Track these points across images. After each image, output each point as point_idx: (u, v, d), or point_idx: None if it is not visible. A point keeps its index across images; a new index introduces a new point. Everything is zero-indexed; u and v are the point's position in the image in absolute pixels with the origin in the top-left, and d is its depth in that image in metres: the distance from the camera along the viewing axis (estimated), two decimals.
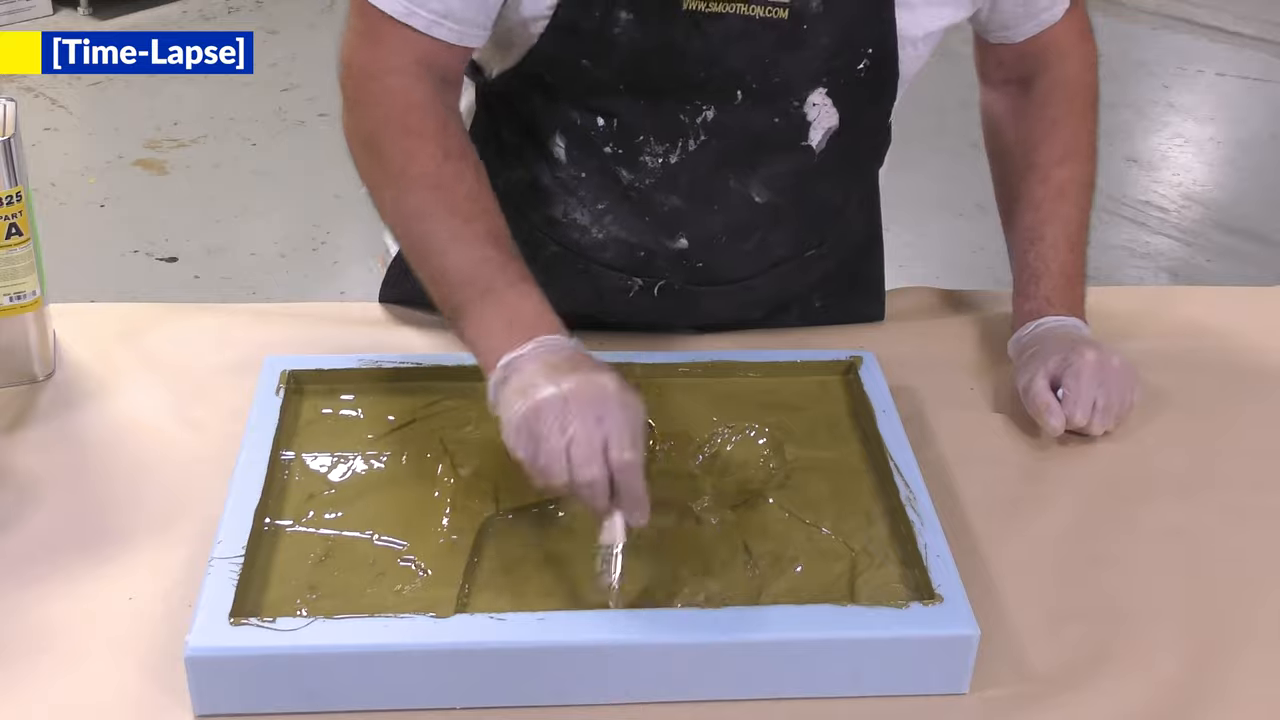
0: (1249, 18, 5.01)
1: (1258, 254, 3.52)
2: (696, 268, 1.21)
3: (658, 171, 1.16)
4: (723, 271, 1.22)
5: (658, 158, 1.15)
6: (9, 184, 1.09)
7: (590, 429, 0.90)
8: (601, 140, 1.15)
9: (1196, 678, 0.94)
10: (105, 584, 0.96)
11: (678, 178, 1.16)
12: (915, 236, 3.40)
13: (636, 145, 1.15)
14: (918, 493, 1.00)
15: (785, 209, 1.20)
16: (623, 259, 1.21)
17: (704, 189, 1.17)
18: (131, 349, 1.23)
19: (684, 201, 1.17)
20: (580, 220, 1.20)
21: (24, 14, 4.46)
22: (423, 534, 0.97)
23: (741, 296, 1.25)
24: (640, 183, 1.16)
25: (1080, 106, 1.29)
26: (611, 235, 1.19)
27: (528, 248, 1.18)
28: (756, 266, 1.23)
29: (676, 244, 1.19)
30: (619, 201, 1.18)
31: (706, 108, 1.13)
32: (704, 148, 1.14)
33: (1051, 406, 1.15)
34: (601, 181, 1.17)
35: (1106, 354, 1.17)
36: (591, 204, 1.18)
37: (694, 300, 1.24)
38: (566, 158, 1.17)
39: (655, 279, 1.22)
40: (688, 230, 1.19)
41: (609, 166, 1.16)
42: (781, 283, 1.27)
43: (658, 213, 1.18)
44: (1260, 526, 1.09)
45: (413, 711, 0.88)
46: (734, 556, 0.97)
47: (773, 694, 0.90)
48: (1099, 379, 1.15)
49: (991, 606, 0.97)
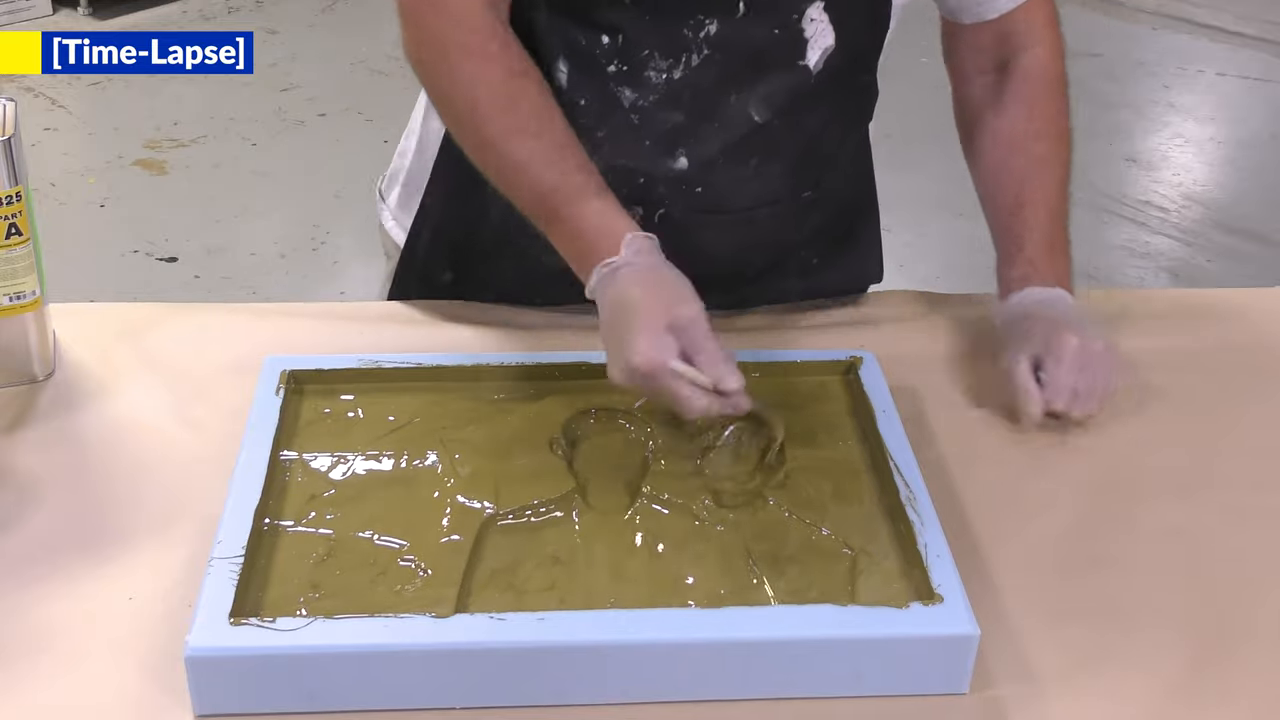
0: (1249, 18, 5.01)
1: (1258, 254, 3.52)
2: (696, 193, 1.22)
3: (661, 88, 1.17)
4: (722, 198, 1.23)
5: (661, 73, 1.16)
6: (9, 184, 1.09)
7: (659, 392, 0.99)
8: (606, 59, 1.16)
9: (1196, 678, 0.94)
10: (105, 584, 0.96)
11: (680, 94, 1.17)
12: (915, 236, 3.40)
13: (641, 60, 1.16)
14: (918, 493, 1.01)
15: (782, 133, 1.21)
16: (622, 187, 1.19)
17: (705, 105, 1.18)
18: (131, 349, 1.23)
19: (685, 118, 1.19)
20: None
21: (24, 14, 4.46)
22: (423, 534, 0.97)
23: (740, 233, 1.26)
24: (643, 100, 1.18)
25: (1054, 91, 1.31)
26: (610, 163, 1.18)
27: None
28: (754, 199, 1.24)
29: (676, 164, 1.20)
30: (620, 126, 1.19)
31: (709, 21, 1.14)
32: (706, 62, 1.16)
33: (1031, 393, 1.15)
34: (602, 106, 1.18)
35: (1090, 339, 1.17)
36: (591, 132, 1.19)
37: (695, 232, 1.23)
38: (568, 82, 1.18)
39: (655, 206, 1.22)
40: (688, 148, 1.20)
41: (611, 88, 1.18)
42: (778, 225, 1.28)
43: (658, 132, 1.19)
44: (1260, 526, 1.09)
45: (413, 711, 0.88)
46: (734, 556, 0.97)
47: (773, 694, 0.90)
48: (1080, 364, 1.15)
49: (991, 606, 0.97)
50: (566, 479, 1.03)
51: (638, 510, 1.01)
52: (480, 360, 1.14)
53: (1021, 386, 1.16)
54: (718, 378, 0.99)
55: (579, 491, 1.02)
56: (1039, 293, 1.21)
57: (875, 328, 1.32)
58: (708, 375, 0.99)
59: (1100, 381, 1.16)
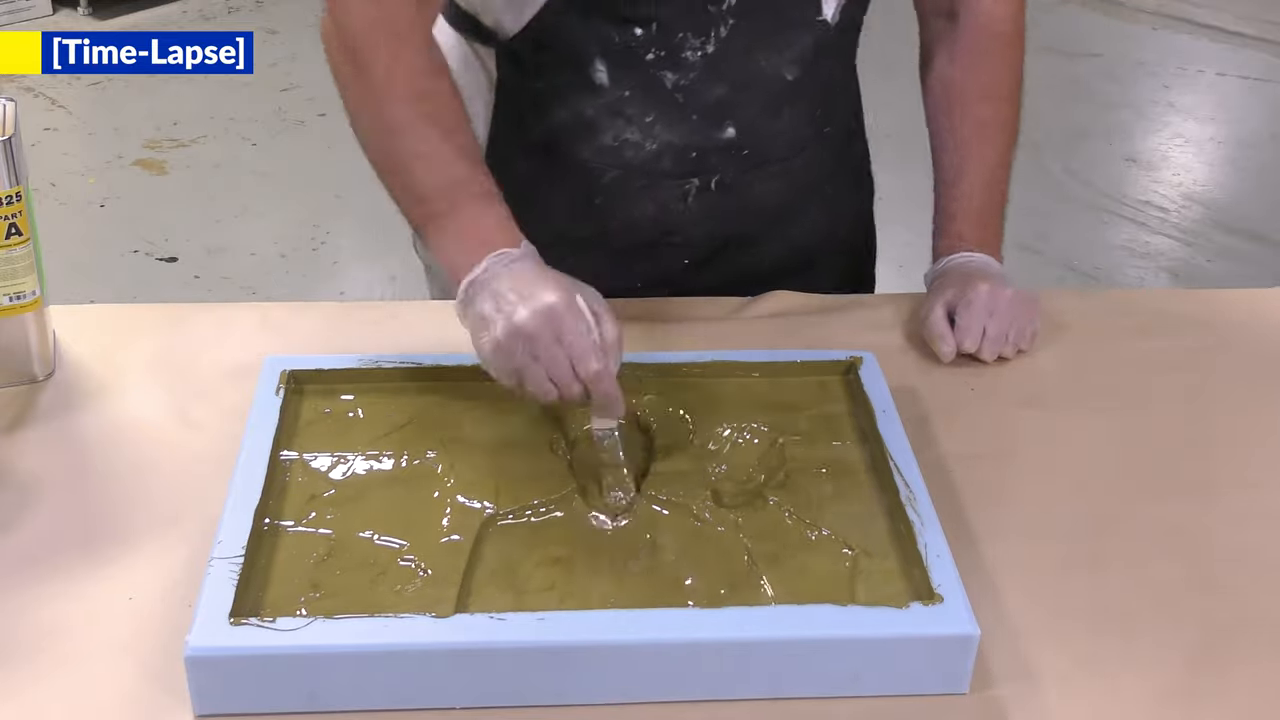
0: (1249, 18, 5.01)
1: (1258, 254, 3.52)
2: (744, 155, 1.27)
3: (699, 64, 1.20)
4: (766, 153, 1.29)
5: (697, 51, 1.20)
6: (9, 184, 1.09)
7: (555, 349, 1.00)
8: (643, 49, 1.19)
9: (1196, 678, 0.94)
10: (105, 584, 0.96)
11: (718, 66, 1.21)
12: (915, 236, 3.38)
13: (677, 43, 1.19)
14: (918, 493, 1.01)
15: (805, 84, 1.26)
16: (678, 164, 1.27)
17: (741, 74, 1.22)
18: (131, 349, 1.23)
19: (726, 90, 1.22)
20: (632, 138, 1.25)
21: (24, 14, 4.46)
22: (423, 534, 0.97)
23: (783, 182, 1.32)
24: (684, 79, 1.21)
25: (1001, 46, 1.33)
26: (664, 143, 1.25)
27: (582, 182, 1.27)
28: (789, 147, 1.30)
29: (725, 134, 1.25)
30: (667, 108, 1.23)
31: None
32: (734, 31, 1.19)
33: (944, 335, 1.25)
34: (646, 95, 1.22)
35: (999, 286, 1.26)
36: (640, 119, 1.23)
37: (745, 190, 1.30)
38: (609, 80, 1.21)
39: (710, 175, 1.28)
40: (733, 117, 1.25)
41: (652, 75, 1.21)
42: (808, 166, 1.33)
43: (704, 105, 1.23)
44: (1260, 526, 1.09)
45: (413, 711, 0.88)
46: (734, 556, 0.97)
47: (773, 694, 0.90)
48: (989, 309, 1.24)
49: (991, 606, 0.97)
50: (566, 479, 1.03)
51: (638, 510, 1.01)
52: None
53: (936, 330, 1.25)
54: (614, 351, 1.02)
55: (579, 491, 1.02)
56: (962, 257, 1.30)
57: (875, 328, 1.32)
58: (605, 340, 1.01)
59: (1012, 326, 1.25)
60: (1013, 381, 1.25)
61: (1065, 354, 1.29)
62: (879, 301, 1.38)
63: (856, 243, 1.50)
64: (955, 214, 1.32)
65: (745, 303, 1.35)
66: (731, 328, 1.31)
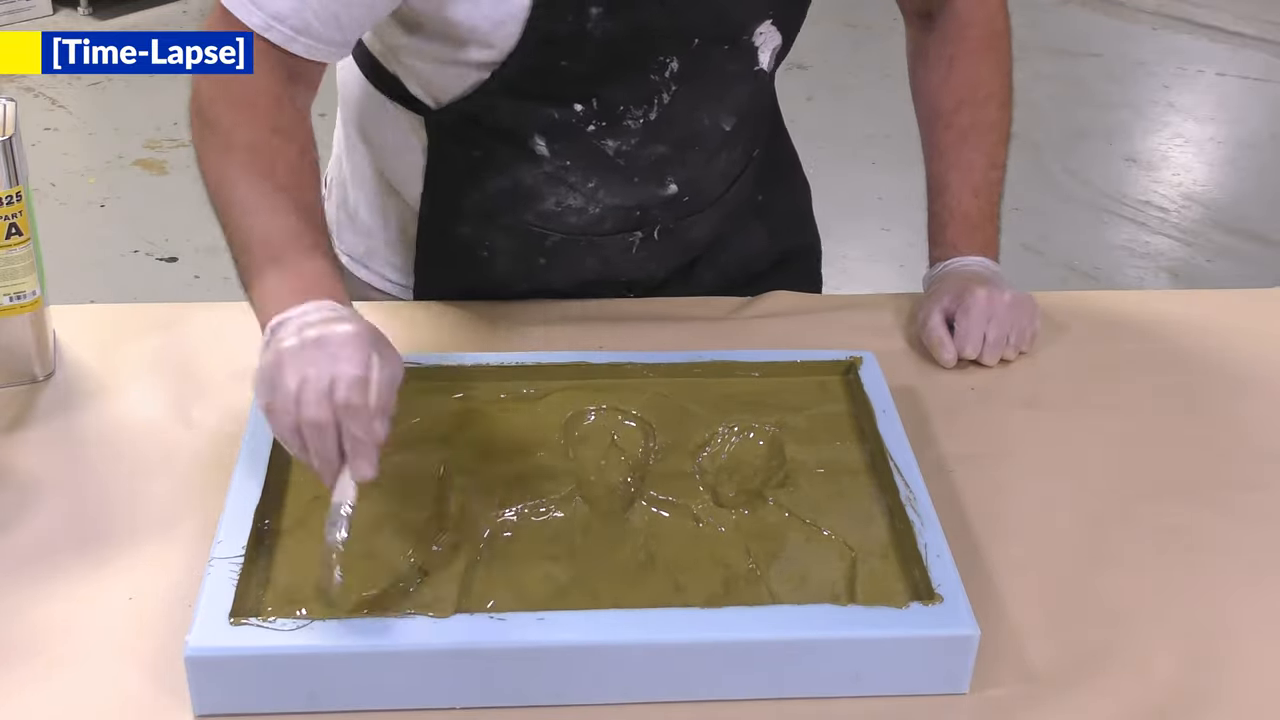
0: (1249, 18, 5.01)
1: (1258, 254, 3.52)
2: (684, 202, 1.27)
3: (640, 131, 1.19)
4: (705, 197, 1.28)
5: (638, 119, 1.18)
6: (9, 184, 1.09)
7: (322, 372, 0.88)
8: (583, 123, 1.17)
9: (1196, 678, 0.94)
10: (105, 584, 0.96)
11: (660, 129, 1.20)
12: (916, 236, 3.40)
13: (618, 115, 1.18)
14: (918, 493, 1.00)
15: (744, 128, 1.26)
16: (622, 222, 1.26)
17: (682, 132, 1.21)
18: (131, 349, 1.23)
19: (667, 148, 1.21)
20: (575, 204, 1.23)
21: (24, 14, 4.46)
22: (423, 534, 0.97)
23: (719, 211, 1.32)
24: (626, 145, 1.20)
25: (976, 45, 1.31)
26: (607, 206, 1.24)
27: (529, 242, 1.24)
28: (726, 183, 1.30)
29: (667, 190, 1.24)
30: (609, 172, 1.21)
31: (670, 60, 1.15)
32: (676, 96, 1.18)
33: (944, 341, 1.25)
34: (588, 162, 1.20)
35: (998, 291, 1.25)
36: (582, 185, 1.21)
37: (686, 232, 1.30)
38: (549, 151, 1.19)
39: (652, 227, 1.27)
40: (674, 174, 1.24)
41: (593, 145, 1.19)
42: (742, 192, 1.34)
43: (645, 167, 1.22)
44: (1260, 526, 1.09)
45: (413, 711, 0.88)
46: (734, 556, 0.97)
47: (773, 694, 0.90)
48: (988, 314, 1.24)
49: (991, 606, 0.97)
50: (566, 479, 1.03)
51: (637, 510, 1.01)
52: (480, 360, 1.14)
53: (935, 337, 1.25)
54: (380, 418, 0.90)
55: (579, 491, 1.02)
56: (957, 261, 1.31)
57: (875, 328, 1.32)
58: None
59: (1012, 329, 1.25)
60: (1013, 382, 1.25)
61: (1065, 354, 1.29)
62: (879, 301, 1.38)
63: (797, 244, 1.48)
64: (947, 222, 1.31)
65: (745, 303, 1.35)
66: (731, 328, 1.31)
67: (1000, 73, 1.32)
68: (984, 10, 1.30)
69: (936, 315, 1.26)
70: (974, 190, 1.30)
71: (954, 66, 1.30)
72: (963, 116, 1.30)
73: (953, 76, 1.31)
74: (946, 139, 1.31)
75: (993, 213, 1.32)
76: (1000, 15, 1.31)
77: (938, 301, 1.27)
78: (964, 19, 1.30)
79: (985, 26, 1.31)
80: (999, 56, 1.32)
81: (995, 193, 1.32)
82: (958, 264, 1.30)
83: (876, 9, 1.29)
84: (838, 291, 1.51)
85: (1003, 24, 1.32)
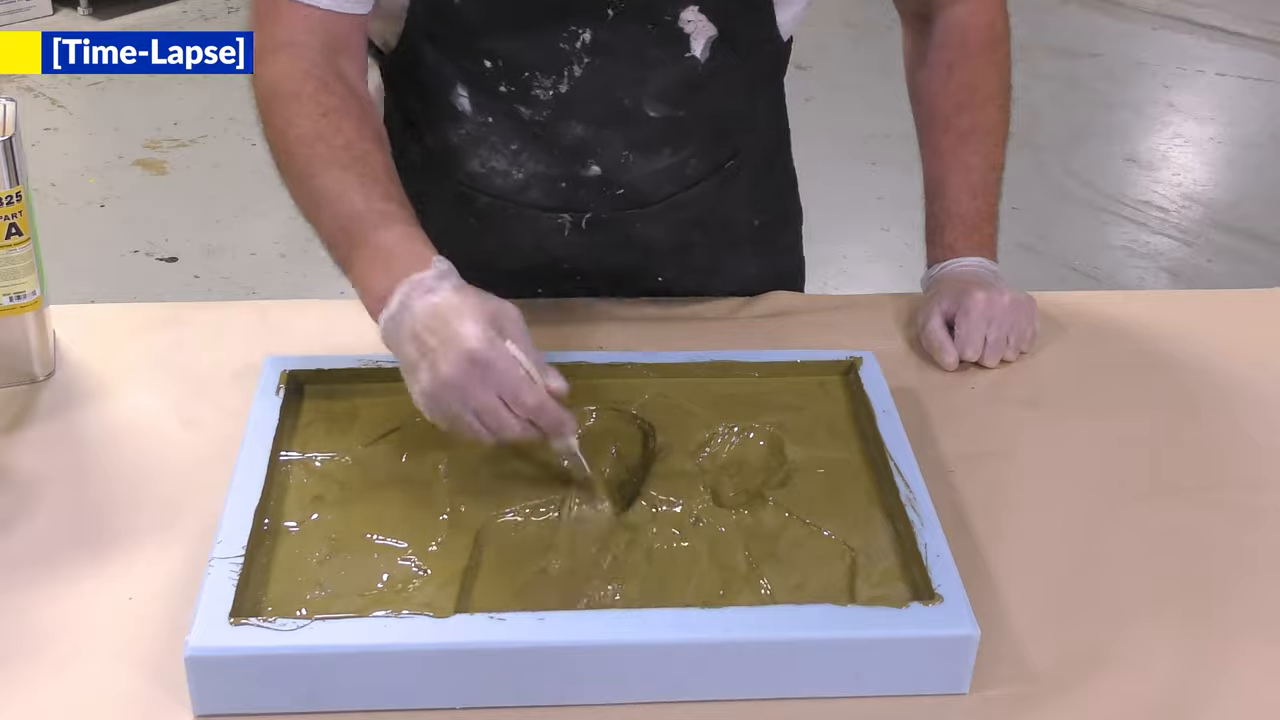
0: (1249, 18, 5.01)
1: (1258, 254, 3.52)
2: (618, 194, 1.25)
3: (551, 103, 1.19)
4: (643, 193, 1.26)
5: (548, 90, 1.18)
6: (9, 184, 1.09)
7: (486, 396, 0.95)
8: (494, 81, 1.18)
9: (1196, 677, 0.94)
10: (105, 584, 0.97)
11: (572, 105, 1.19)
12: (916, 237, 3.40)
13: (525, 81, 1.17)
14: (918, 493, 1.00)
15: (686, 121, 1.23)
16: (547, 195, 1.25)
17: (599, 112, 1.20)
18: (131, 349, 1.23)
19: (584, 128, 1.20)
20: (499, 165, 1.23)
21: (24, 14, 4.46)
22: (423, 534, 0.97)
23: (672, 216, 1.29)
24: (539, 115, 1.19)
25: (976, 49, 1.31)
26: (530, 172, 1.23)
27: (459, 205, 1.26)
28: (676, 184, 1.27)
29: (589, 172, 1.23)
30: (528, 140, 1.21)
31: (582, 30, 1.15)
32: (590, 70, 1.17)
33: (944, 344, 1.25)
34: (508, 123, 1.20)
35: (996, 293, 1.25)
36: (504, 147, 1.22)
37: (627, 227, 1.28)
38: (471, 106, 1.20)
39: (582, 211, 1.26)
40: (596, 156, 1.22)
41: (509, 106, 1.19)
42: (708, 202, 1.30)
43: (563, 144, 1.21)
44: (1260, 526, 1.09)
45: (413, 711, 0.88)
46: (734, 556, 0.97)
47: (773, 694, 0.90)
48: (988, 316, 1.24)
49: (991, 606, 0.97)
50: (566, 479, 1.03)
51: (637, 510, 1.01)
52: None
53: (935, 340, 1.25)
54: (545, 373, 0.97)
55: (579, 492, 1.02)
56: (955, 263, 1.30)
57: (875, 328, 1.32)
58: (535, 370, 0.96)
59: (1012, 331, 1.25)
60: (1013, 382, 1.25)
61: (1065, 354, 1.29)
62: (879, 302, 1.38)
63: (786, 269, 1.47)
64: (945, 223, 1.31)
65: (745, 303, 1.35)
66: (731, 328, 1.31)
67: (1000, 76, 1.31)
68: (984, 14, 1.30)
69: (936, 318, 1.26)
70: (972, 192, 1.30)
71: (954, 70, 1.30)
72: (962, 119, 1.30)
73: (952, 80, 1.30)
74: (945, 141, 1.31)
75: (991, 214, 1.31)
76: (1000, 19, 1.31)
77: (937, 304, 1.27)
78: (964, 23, 1.30)
79: (986, 31, 1.30)
80: (999, 59, 1.31)
81: (993, 194, 1.32)
82: (956, 265, 1.30)
83: (876, 9, 1.29)
84: (838, 291, 1.51)
85: (1003, 28, 1.31)
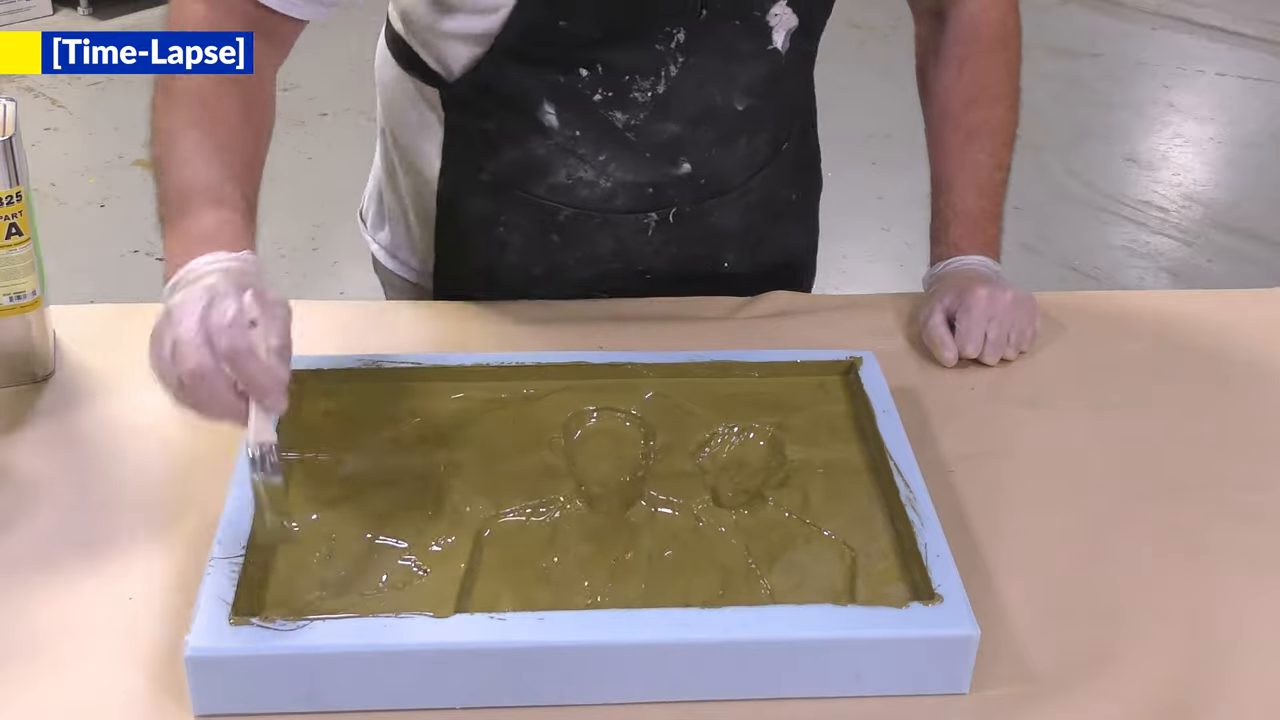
0: (1249, 18, 5.01)
1: (1258, 254, 3.52)
2: (701, 185, 1.27)
3: (649, 105, 1.19)
4: (723, 182, 1.28)
5: (645, 91, 1.19)
6: (9, 184, 1.09)
7: (191, 324, 0.87)
8: (590, 90, 1.18)
9: (1197, 677, 0.94)
10: (105, 584, 0.96)
11: (669, 105, 1.20)
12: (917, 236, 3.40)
13: (624, 85, 1.18)
14: (918, 493, 1.00)
15: (762, 111, 1.26)
16: (635, 200, 1.26)
17: (693, 109, 1.21)
18: (131, 349, 1.21)
19: (679, 126, 1.21)
20: (586, 176, 1.24)
21: (24, 14, 4.46)
22: (423, 534, 0.97)
23: (742, 201, 1.31)
24: (635, 119, 1.20)
25: (987, 45, 1.31)
26: (618, 181, 1.24)
27: (542, 217, 1.26)
28: (748, 170, 1.30)
29: (680, 169, 1.24)
30: (619, 147, 1.22)
31: (676, 31, 1.16)
32: (684, 69, 1.18)
33: (945, 340, 1.25)
34: (598, 133, 1.21)
35: (999, 290, 1.25)
36: (593, 158, 1.22)
37: (706, 217, 1.30)
38: (559, 121, 1.20)
39: (668, 208, 1.27)
40: (687, 153, 1.24)
41: (602, 115, 1.20)
42: (769, 185, 1.33)
43: (656, 144, 1.22)
44: (1260, 526, 1.08)
45: (413, 711, 0.88)
46: (734, 556, 0.97)
47: (773, 694, 0.90)
48: (989, 314, 1.24)
49: (991, 606, 0.97)
50: (566, 479, 1.03)
51: (637, 510, 1.01)
52: (480, 360, 1.14)
53: (936, 336, 1.25)
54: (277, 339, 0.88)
55: (579, 492, 1.02)
56: (958, 261, 1.31)
57: (875, 328, 1.32)
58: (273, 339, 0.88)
59: (1013, 329, 1.25)
60: (1013, 381, 1.25)
61: (1065, 354, 1.29)
62: (879, 301, 1.38)
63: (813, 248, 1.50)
64: (950, 221, 1.32)
65: (745, 303, 1.35)
66: (731, 328, 1.31)
67: (1010, 74, 1.32)
68: (997, 10, 1.31)
69: (938, 314, 1.26)
70: (979, 190, 1.31)
71: (965, 66, 1.31)
72: (971, 116, 1.31)
73: (964, 76, 1.31)
74: (954, 139, 1.32)
75: (996, 213, 1.32)
76: (1012, 15, 1.32)
77: (939, 300, 1.27)
78: (977, 18, 1.31)
79: (998, 26, 1.31)
80: (1010, 57, 1.32)
81: (999, 193, 1.32)
82: (959, 263, 1.30)
83: (878, 9, 1.29)
84: (838, 291, 1.51)
85: (1014, 24, 1.32)
